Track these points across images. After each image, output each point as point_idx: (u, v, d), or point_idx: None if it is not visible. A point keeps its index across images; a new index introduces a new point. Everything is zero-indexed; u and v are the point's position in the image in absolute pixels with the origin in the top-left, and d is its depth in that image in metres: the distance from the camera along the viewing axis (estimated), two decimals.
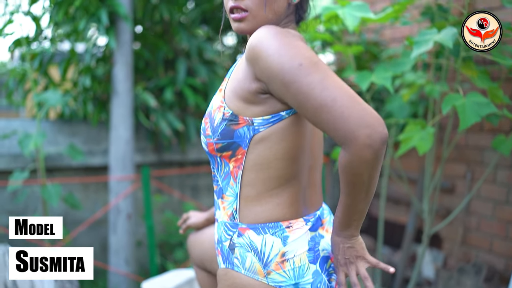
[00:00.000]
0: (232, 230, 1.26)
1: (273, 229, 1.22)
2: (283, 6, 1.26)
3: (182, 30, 3.31)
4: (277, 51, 1.08)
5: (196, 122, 3.38)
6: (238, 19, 1.24)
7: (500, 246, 3.15)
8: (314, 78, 1.04)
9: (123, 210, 3.06)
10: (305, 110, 1.05)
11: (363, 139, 0.99)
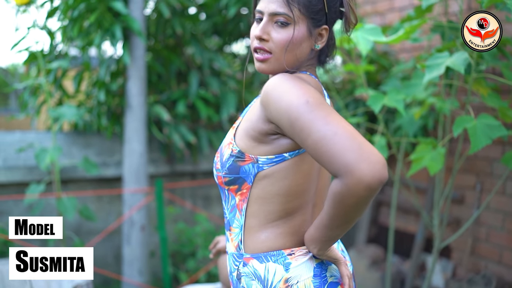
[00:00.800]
0: (238, 260, 1.32)
1: (275, 257, 1.27)
2: (306, 52, 1.30)
3: (194, 43, 3.35)
4: (287, 92, 1.15)
5: (208, 134, 3.43)
6: (260, 60, 1.29)
7: (510, 258, 3.18)
8: (318, 114, 1.09)
9: (137, 222, 3.11)
10: (308, 144, 1.09)
11: (360, 174, 1.00)
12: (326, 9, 1.28)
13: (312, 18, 1.27)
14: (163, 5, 3.10)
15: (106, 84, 3.05)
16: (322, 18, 1.28)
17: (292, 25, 1.25)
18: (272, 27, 1.27)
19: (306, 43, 1.29)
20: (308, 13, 1.26)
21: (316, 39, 1.30)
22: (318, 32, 1.30)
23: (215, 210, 3.78)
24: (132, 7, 3.02)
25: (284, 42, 1.26)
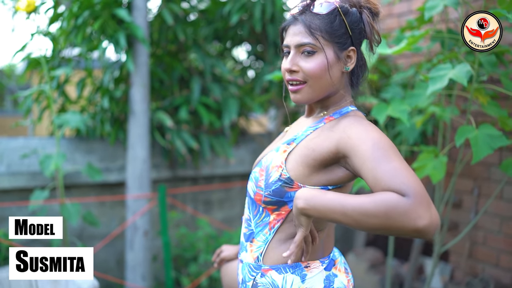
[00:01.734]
0: (255, 271, 1.38)
1: (293, 268, 1.34)
2: (337, 76, 1.34)
3: (196, 49, 3.38)
4: (370, 129, 1.23)
5: (209, 139, 3.46)
6: (295, 91, 1.34)
7: (507, 261, 3.24)
8: (396, 155, 1.16)
9: (140, 227, 3.14)
10: (381, 168, 1.13)
11: (416, 202, 1.06)
12: (350, 32, 1.32)
13: (337, 43, 1.32)
14: (167, 12, 3.13)
15: (110, 91, 3.07)
16: (347, 40, 1.33)
17: (318, 52, 1.30)
18: (300, 58, 1.32)
19: (335, 67, 1.33)
20: (332, 38, 1.31)
21: (345, 61, 1.35)
22: (346, 55, 1.34)
23: (216, 215, 3.82)
24: (136, 14, 3.05)
25: (313, 70, 1.30)
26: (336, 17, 1.32)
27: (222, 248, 1.83)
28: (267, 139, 3.96)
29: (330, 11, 1.32)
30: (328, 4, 1.33)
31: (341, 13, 1.32)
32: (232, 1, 3.24)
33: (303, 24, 1.32)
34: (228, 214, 3.91)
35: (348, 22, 1.33)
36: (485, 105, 2.42)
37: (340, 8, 1.33)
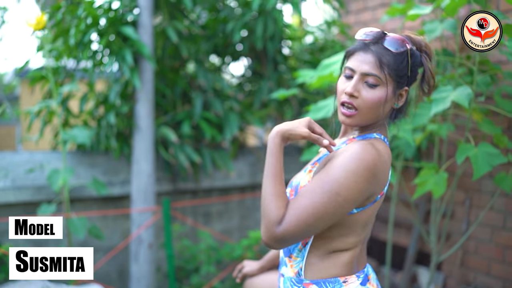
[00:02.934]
0: (297, 285, 1.48)
1: (333, 283, 1.44)
2: (387, 110, 1.46)
3: (198, 66, 3.47)
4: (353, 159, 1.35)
5: (210, 153, 3.55)
6: (347, 115, 1.43)
7: (498, 269, 3.38)
8: (319, 192, 1.34)
9: (145, 240, 3.21)
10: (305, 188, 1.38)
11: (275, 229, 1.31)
12: (409, 73, 1.42)
13: (398, 82, 1.41)
14: (171, 29, 3.21)
15: (117, 107, 3.14)
16: (405, 80, 1.43)
17: (381, 86, 1.39)
18: (362, 86, 1.40)
19: (389, 103, 1.43)
20: (395, 77, 1.40)
21: (398, 99, 1.45)
22: (400, 93, 1.44)
23: (215, 226, 3.90)
24: (141, 31, 3.13)
25: (373, 102, 1.40)
26: (405, 58, 1.40)
27: (243, 263, 1.93)
28: (264, 152, 4.05)
29: (402, 51, 1.40)
30: (400, 42, 1.41)
31: (409, 56, 1.41)
32: (235, 19, 3.33)
33: (375, 55, 1.39)
34: (226, 226, 3.99)
35: (411, 63, 1.42)
36: (480, 123, 2.55)
37: (411, 50, 1.41)
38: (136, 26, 3.16)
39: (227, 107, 3.59)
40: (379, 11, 4.22)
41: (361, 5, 4.32)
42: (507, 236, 3.31)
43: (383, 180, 1.41)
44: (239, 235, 4.03)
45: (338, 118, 1.49)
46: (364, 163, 1.34)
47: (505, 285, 3.33)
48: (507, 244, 3.32)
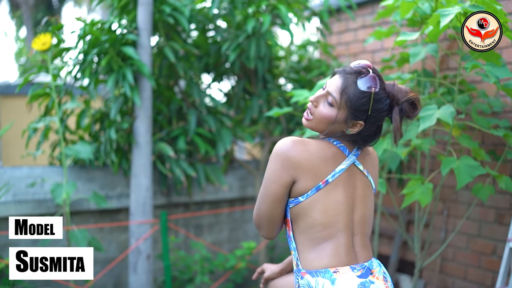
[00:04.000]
0: (298, 275, 1.68)
1: (323, 273, 1.62)
2: (337, 131, 1.66)
3: (192, 84, 3.65)
4: (270, 160, 1.67)
5: (203, 167, 3.71)
6: (305, 118, 1.70)
7: (474, 274, 3.62)
8: (262, 188, 1.69)
9: (143, 251, 3.33)
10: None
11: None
12: (369, 112, 1.60)
13: (353, 113, 1.60)
14: (168, 50, 3.38)
15: (117, 123, 3.28)
16: (363, 116, 1.60)
17: (334, 108, 1.61)
18: (323, 100, 1.64)
19: (339, 126, 1.64)
20: (350, 108, 1.59)
21: (350, 127, 1.64)
22: (353, 123, 1.63)
23: (206, 238, 4.04)
24: (140, 51, 3.29)
25: (323, 116, 1.63)
26: (367, 98, 1.57)
27: (263, 267, 2.08)
28: (254, 166, 4.24)
29: (365, 92, 1.58)
30: (370, 85, 1.58)
31: (371, 99, 1.58)
32: (230, 40, 3.53)
33: (343, 83, 1.60)
34: (217, 237, 4.14)
35: (373, 107, 1.59)
36: (459, 138, 2.80)
37: (375, 94, 1.58)
38: (135, 46, 3.32)
39: (220, 124, 3.76)
40: (360, 32, 4.48)
41: (343, 27, 4.58)
42: (482, 243, 3.56)
43: (308, 166, 1.61)
44: (229, 247, 4.18)
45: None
46: (275, 149, 1.63)
47: None
48: (482, 251, 3.57)
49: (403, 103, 1.60)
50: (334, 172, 1.64)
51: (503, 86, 2.49)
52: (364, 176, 1.73)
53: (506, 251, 2.90)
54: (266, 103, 3.92)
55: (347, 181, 1.68)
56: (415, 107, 1.62)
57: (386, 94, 1.61)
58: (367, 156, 1.77)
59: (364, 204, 1.73)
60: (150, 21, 3.30)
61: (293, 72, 4.29)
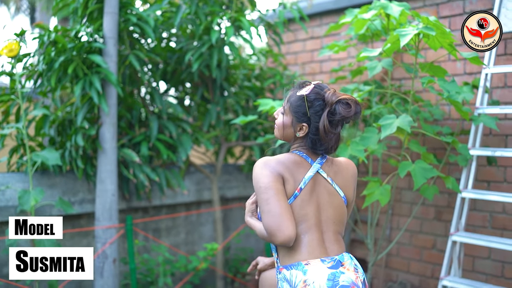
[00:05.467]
0: (278, 271, 1.95)
1: (295, 266, 1.86)
2: (291, 135, 2.00)
3: (155, 93, 3.75)
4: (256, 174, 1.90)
5: (164, 172, 3.81)
6: (274, 130, 2.07)
7: (416, 267, 3.98)
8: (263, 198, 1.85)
9: (109, 255, 3.39)
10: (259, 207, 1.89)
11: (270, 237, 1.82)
12: (309, 114, 1.90)
13: (296, 117, 1.94)
14: (133, 58, 3.47)
15: (85, 129, 3.32)
16: (303, 118, 1.92)
17: (284, 115, 1.98)
18: (280, 112, 2.02)
19: (290, 130, 1.98)
20: (293, 112, 1.94)
21: (298, 130, 1.96)
22: (300, 126, 1.95)
23: (164, 241, 4.14)
24: (107, 59, 3.35)
25: (278, 125, 2.01)
26: (301, 100, 1.92)
27: (257, 260, 2.30)
28: (210, 170, 4.38)
29: (300, 96, 1.93)
30: (304, 91, 1.93)
31: (305, 101, 1.91)
32: (193, 50, 3.66)
33: (290, 94, 1.99)
34: (174, 240, 4.24)
35: (309, 108, 1.90)
36: (409, 143, 3.11)
37: (307, 97, 1.91)
38: (101, 54, 3.38)
39: (180, 130, 3.88)
40: (308, 42, 4.76)
41: (292, 37, 4.83)
42: (423, 239, 3.92)
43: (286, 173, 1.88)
44: (186, 249, 4.29)
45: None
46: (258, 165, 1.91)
47: (421, 279, 3.93)
48: (423, 246, 3.93)
49: (336, 104, 1.87)
50: (304, 180, 1.92)
51: (449, 98, 2.81)
52: (328, 183, 1.98)
53: (449, 244, 3.25)
54: (223, 110, 4.08)
55: (313, 187, 1.94)
56: (349, 106, 1.87)
57: (320, 97, 1.91)
58: (334, 166, 2.02)
59: (331, 208, 1.97)
60: (116, 29, 3.37)
61: (246, 80, 4.48)
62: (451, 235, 3.24)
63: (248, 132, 4.37)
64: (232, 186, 4.57)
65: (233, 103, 4.21)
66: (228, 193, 4.53)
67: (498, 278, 3.55)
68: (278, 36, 4.19)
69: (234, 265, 4.41)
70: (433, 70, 2.95)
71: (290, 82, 4.40)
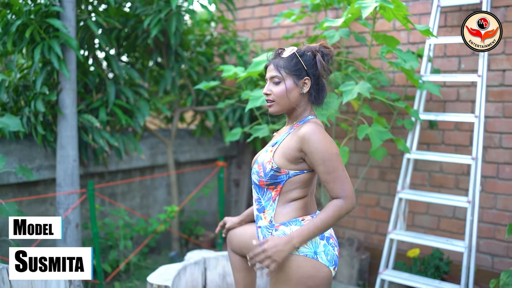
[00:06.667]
0: (270, 229, 2.07)
1: (294, 222, 2.03)
2: (296, 96, 2.08)
3: (112, 58, 3.73)
4: (323, 140, 1.95)
5: (122, 138, 3.83)
6: (269, 106, 2.10)
7: (361, 224, 4.29)
8: (340, 162, 1.95)
9: (72, 220, 3.41)
10: (330, 176, 1.93)
11: (351, 201, 1.89)
12: (305, 67, 2.05)
13: (295, 75, 2.06)
14: (92, 23, 3.43)
15: (45, 95, 3.27)
16: (303, 73, 2.06)
17: (282, 82, 2.06)
18: (272, 85, 2.08)
19: (295, 90, 2.07)
20: (291, 72, 2.06)
21: (302, 87, 2.08)
22: (302, 82, 2.07)
23: (120, 203, 4.18)
24: (66, 24, 3.29)
25: (279, 93, 2.06)
26: (293, 58, 2.06)
27: (225, 220, 2.43)
28: (164, 135, 4.44)
29: (290, 55, 2.07)
30: (289, 51, 2.09)
31: (297, 55, 2.06)
32: (151, 15, 3.66)
33: (273, 64, 2.09)
34: (130, 204, 4.29)
35: (304, 61, 2.06)
36: (361, 108, 3.34)
37: (297, 52, 2.07)
38: (60, 18, 3.31)
39: (137, 95, 3.90)
40: (257, 9, 4.85)
41: (241, 4, 4.90)
42: (368, 197, 4.23)
43: None
44: (141, 212, 4.37)
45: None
46: (316, 130, 1.97)
47: (366, 235, 4.26)
48: (368, 204, 4.24)
49: (319, 50, 2.09)
50: None
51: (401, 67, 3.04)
52: None
53: (396, 201, 3.56)
54: (178, 75, 4.13)
55: None
56: (328, 47, 2.11)
57: (305, 49, 2.10)
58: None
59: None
60: None
61: (198, 46, 4.53)
62: (398, 192, 3.54)
63: (201, 98, 4.44)
64: (185, 150, 4.66)
65: (187, 69, 4.25)
66: (181, 157, 4.62)
67: (434, 230, 3.93)
68: (231, 2, 4.26)
69: (188, 227, 4.55)
70: (386, 41, 3.17)
71: (242, 48, 4.49)
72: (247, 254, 2.31)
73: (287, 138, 2.06)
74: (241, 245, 2.34)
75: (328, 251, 1.99)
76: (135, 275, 3.88)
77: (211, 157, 4.89)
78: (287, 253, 1.88)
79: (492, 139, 3.61)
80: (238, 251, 2.38)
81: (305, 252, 1.95)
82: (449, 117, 3.47)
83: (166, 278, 2.71)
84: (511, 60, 3.49)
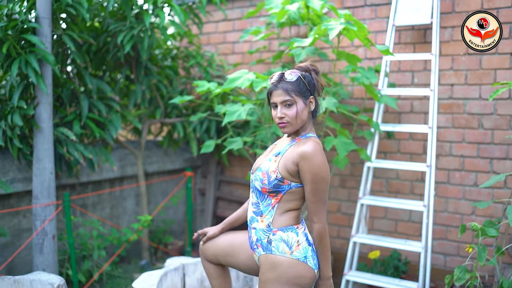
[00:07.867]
0: (268, 232, 2.26)
1: (291, 229, 2.25)
2: (307, 115, 2.27)
3: (85, 73, 3.83)
4: (321, 163, 2.16)
5: (95, 150, 3.93)
6: (283, 127, 2.26)
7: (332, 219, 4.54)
8: (326, 187, 2.18)
9: (49, 232, 3.48)
10: (312, 195, 2.18)
11: (324, 225, 2.19)
12: (308, 88, 2.26)
13: (303, 96, 2.25)
14: (67, 38, 3.53)
15: (23, 109, 3.34)
16: (308, 93, 2.27)
17: (294, 104, 2.22)
18: (284, 108, 2.23)
19: (305, 110, 2.26)
20: (300, 94, 2.24)
21: (309, 105, 2.28)
22: (309, 101, 2.28)
23: (91, 216, 4.26)
24: (42, 39, 3.38)
25: (293, 115, 2.22)
26: (300, 81, 2.25)
27: (204, 230, 2.61)
28: (134, 146, 4.55)
29: (297, 79, 2.25)
30: (294, 74, 2.26)
31: (302, 79, 2.25)
32: (124, 32, 3.78)
33: (282, 89, 2.23)
34: (100, 215, 4.38)
35: (307, 82, 2.26)
36: (324, 120, 3.59)
37: (301, 75, 2.26)
38: (36, 34, 3.40)
39: (109, 108, 4.01)
40: (220, 24, 5.05)
41: (206, 19, 5.08)
42: (329, 204, 4.50)
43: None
44: (112, 223, 4.45)
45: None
46: (319, 148, 2.20)
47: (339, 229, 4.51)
48: (329, 210, 4.50)
49: (312, 69, 2.32)
50: None
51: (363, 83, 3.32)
52: None
53: (358, 207, 3.83)
54: (148, 89, 4.26)
55: None
56: (316, 65, 2.34)
57: (303, 70, 2.31)
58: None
59: None
60: (50, 10, 3.40)
61: (165, 60, 4.68)
62: (360, 198, 3.82)
63: (169, 110, 4.59)
64: (153, 161, 4.78)
65: (156, 82, 4.40)
66: (149, 168, 4.74)
67: (392, 233, 4.23)
68: (198, 18, 4.44)
69: (157, 236, 4.67)
70: (348, 58, 3.44)
71: (209, 63, 4.68)
72: (223, 261, 2.52)
73: (289, 150, 2.23)
74: (217, 253, 2.54)
75: (314, 256, 2.23)
76: (108, 283, 3.97)
77: (178, 168, 5.03)
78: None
79: (443, 147, 3.95)
80: (214, 260, 2.58)
81: (297, 256, 2.18)
82: (406, 128, 3.77)
83: (150, 284, 2.86)
84: (458, 76, 3.84)
